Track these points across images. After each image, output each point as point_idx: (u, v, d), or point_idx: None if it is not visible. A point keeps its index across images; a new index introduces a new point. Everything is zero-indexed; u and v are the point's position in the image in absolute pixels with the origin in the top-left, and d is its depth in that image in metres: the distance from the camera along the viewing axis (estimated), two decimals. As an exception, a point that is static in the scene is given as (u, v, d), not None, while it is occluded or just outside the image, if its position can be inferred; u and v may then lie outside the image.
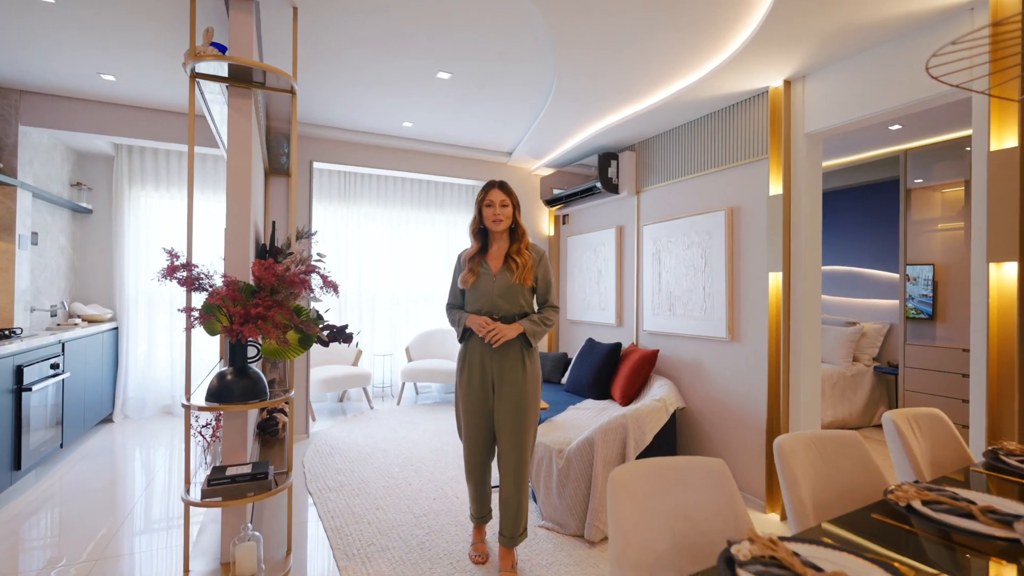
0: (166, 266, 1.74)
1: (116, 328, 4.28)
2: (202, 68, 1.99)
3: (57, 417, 3.21)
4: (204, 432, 2.25)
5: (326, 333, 2.05)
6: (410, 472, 3.23)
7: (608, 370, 3.56)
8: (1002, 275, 1.90)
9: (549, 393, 3.74)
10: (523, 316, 2.17)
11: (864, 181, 4.86)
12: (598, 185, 4.03)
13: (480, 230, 2.24)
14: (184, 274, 1.81)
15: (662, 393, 3.00)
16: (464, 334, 2.19)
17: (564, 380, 4.13)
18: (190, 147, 1.96)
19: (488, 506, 2.28)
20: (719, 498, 1.14)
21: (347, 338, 2.10)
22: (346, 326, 2.10)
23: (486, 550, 2.25)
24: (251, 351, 1.99)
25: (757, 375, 2.88)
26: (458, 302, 2.29)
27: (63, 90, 3.36)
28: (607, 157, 4.03)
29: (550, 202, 4.82)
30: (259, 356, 2.00)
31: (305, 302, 2.41)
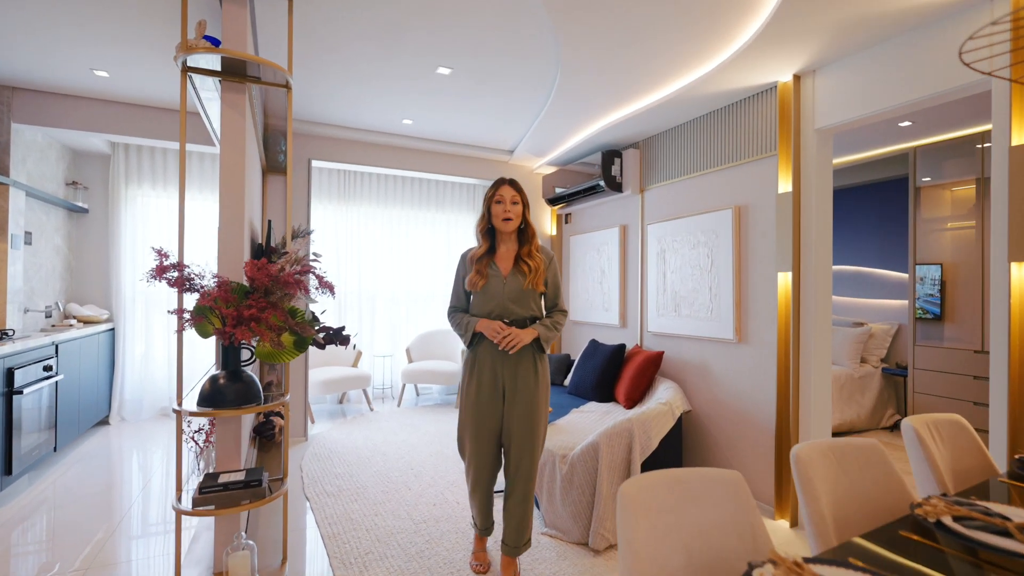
0: (155, 266, 1.67)
1: (112, 329, 4.22)
2: (194, 61, 1.92)
3: (50, 420, 3.15)
4: (197, 437, 2.18)
5: (322, 335, 1.98)
6: (410, 476, 3.16)
7: (612, 372, 3.49)
8: (1024, 275, 1.83)
9: (552, 395, 3.67)
10: (533, 320, 2.08)
11: (870, 180, 4.78)
12: (601, 183, 3.96)
13: (487, 230, 2.14)
14: (174, 274, 1.75)
15: (668, 396, 2.93)
16: (473, 339, 2.08)
17: (567, 382, 4.06)
18: (181, 143, 1.90)
19: (492, 517, 2.20)
20: (736, 514, 1.07)
21: (344, 340, 2.03)
22: (343, 328, 2.03)
23: (488, 559, 2.18)
24: (245, 354, 1.93)
25: (765, 378, 2.80)
26: (462, 305, 2.17)
27: (56, 87, 3.29)
28: (611, 155, 3.96)
29: (552, 201, 4.75)
30: (252, 359, 1.94)
31: (304, 304, 2.35)
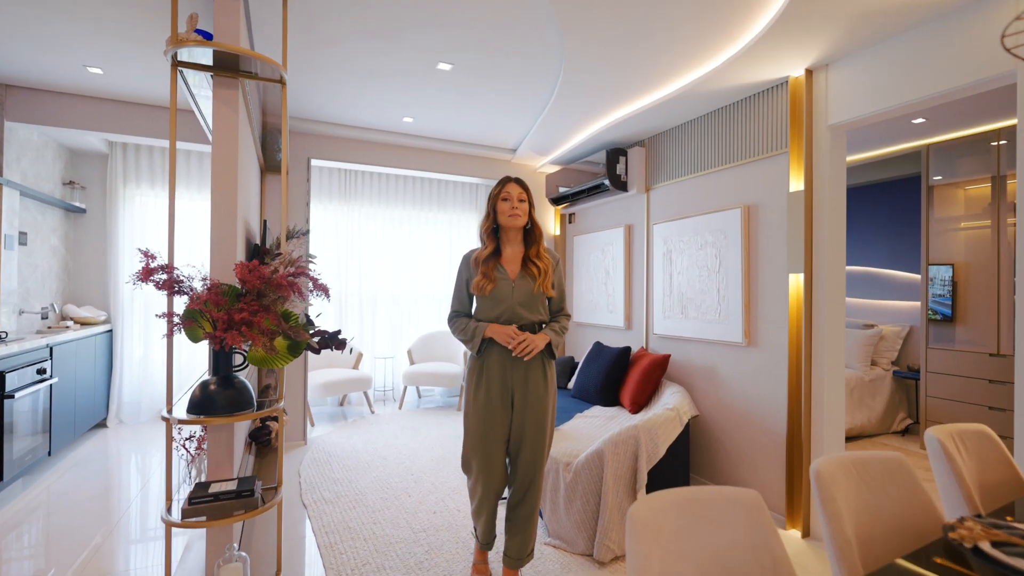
0: (140, 268, 1.60)
1: (110, 330, 4.17)
2: (185, 55, 1.85)
3: (44, 424, 3.10)
4: (188, 445, 2.11)
5: (317, 340, 1.91)
6: (410, 482, 3.09)
7: (617, 375, 3.41)
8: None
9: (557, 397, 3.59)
10: (541, 325, 2.01)
11: (880, 178, 4.68)
12: (606, 182, 3.88)
13: (493, 230, 2.04)
14: (163, 276, 1.68)
15: (675, 401, 2.85)
16: (481, 345, 1.97)
17: (571, 385, 3.98)
18: (172, 140, 1.83)
19: (495, 531, 2.10)
20: (755, 537, 0.99)
21: (340, 344, 1.96)
22: (338, 332, 1.96)
23: (489, 571, 2.11)
24: (237, 359, 1.86)
25: (776, 382, 2.72)
26: (464, 309, 2.06)
27: (50, 84, 3.23)
28: (615, 153, 3.88)
29: (556, 200, 4.67)
30: (245, 364, 1.87)
31: (302, 307, 2.27)
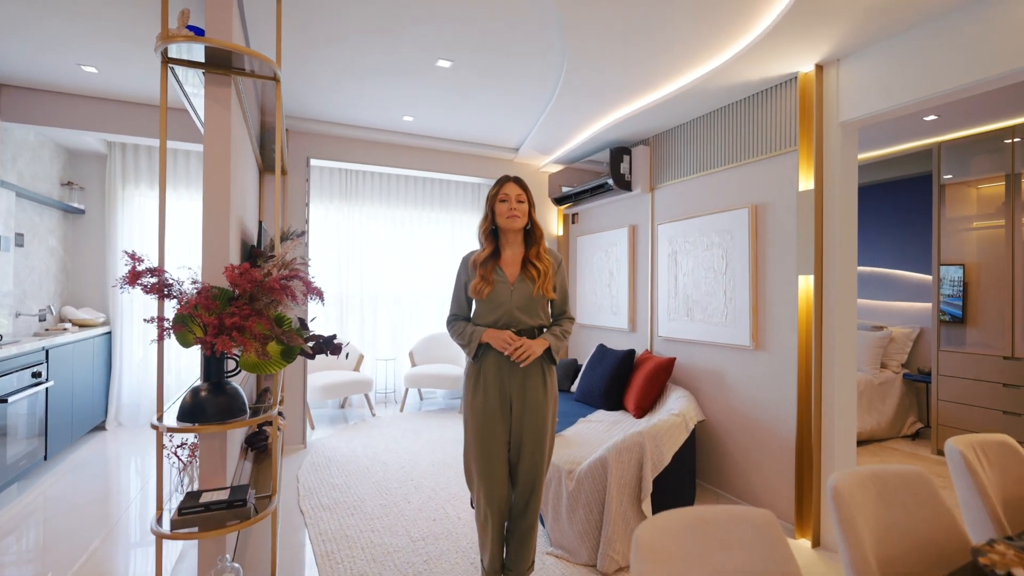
0: (127, 271, 1.55)
1: (109, 332, 4.13)
2: (175, 52, 1.79)
3: (40, 428, 3.05)
4: (180, 452, 2.06)
5: (311, 344, 1.85)
6: (409, 488, 3.03)
7: (621, 379, 3.34)
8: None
9: (558, 403, 3.52)
10: (541, 330, 1.93)
11: (889, 177, 4.59)
12: (609, 182, 3.81)
13: (491, 231, 1.98)
14: (151, 280, 1.63)
15: (680, 406, 2.77)
16: (478, 350, 1.91)
17: (574, 388, 3.92)
18: (162, 139, 1.78)
19: (503, 557, 1.94)
20: (769, 561, 0.93)
21: (335, 349, 1.90)
22: (334, 336, 1.90)
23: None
24: (230, 364, 1.80)
25: (785, 386, 2.64)
26: (463, 313, 2.01)
27: (44, 83, 3.19)
28: (619, 152, 3.81)
29: (559, 200, 4.60)
30: (238, 370, 1.82)
31: (298, 311, 2.22)
